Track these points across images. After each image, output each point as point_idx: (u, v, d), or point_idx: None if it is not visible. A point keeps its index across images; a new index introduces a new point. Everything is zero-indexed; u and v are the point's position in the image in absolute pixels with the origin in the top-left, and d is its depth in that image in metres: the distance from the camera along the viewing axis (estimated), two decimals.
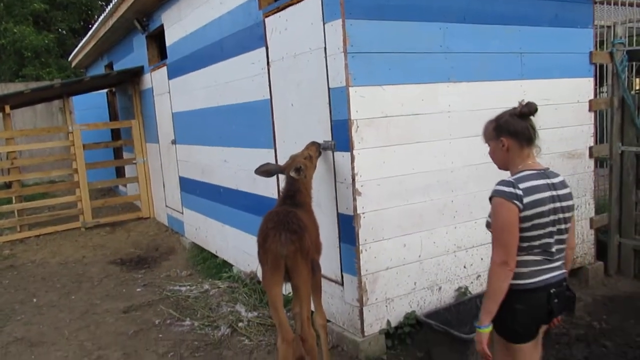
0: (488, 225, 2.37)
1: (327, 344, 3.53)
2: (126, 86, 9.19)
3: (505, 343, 2.39)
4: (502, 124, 2.37)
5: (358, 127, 3.56)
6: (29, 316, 5.09)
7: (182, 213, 7.39)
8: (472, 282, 4.22)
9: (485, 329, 2.27)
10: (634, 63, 5.32)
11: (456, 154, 4.01)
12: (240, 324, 4.47)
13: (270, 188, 4.67)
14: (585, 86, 4.71)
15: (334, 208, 3.81)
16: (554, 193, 2.30)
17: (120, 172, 11.55)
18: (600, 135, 5.17)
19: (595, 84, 4.86)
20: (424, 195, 3.89)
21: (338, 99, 3.60)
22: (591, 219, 4.92)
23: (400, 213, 3.79)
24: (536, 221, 2.25)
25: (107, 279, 6.14)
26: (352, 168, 3.57)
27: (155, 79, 7.72)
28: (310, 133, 3.96)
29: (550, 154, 4.53)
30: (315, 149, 3.66)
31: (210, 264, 6.25)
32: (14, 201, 8.42)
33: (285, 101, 4.29)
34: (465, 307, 3.89)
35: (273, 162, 4.56)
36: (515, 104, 2.37)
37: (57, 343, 4.42)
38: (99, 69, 11.85)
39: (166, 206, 8.16)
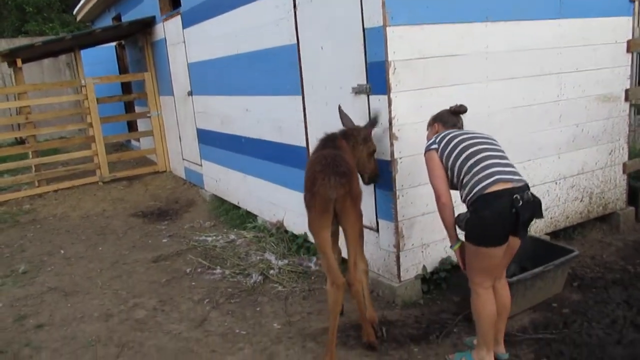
0: None
1: (369, 289, 3.53)
2: (137, 38, 8.97)
3: (472, 247, 2.76)
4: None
5: (395, 69, 3.44)
6: (58, 267, 5.13)
7: (201, 165, 7.34)
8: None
9: (456, 246, 2.94)
10: None
11: (492, 97, 3.90)
12: (271, 272, 4.49)
13: (297, 136, 4.59)
14: (624, 26, 4.53)
15: None
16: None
17: (132, 126, 11.46)
18: (638, 78, 5.02)
19: (636, 24, 4.68)
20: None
21: (374, 40, 3.46)
22: (624, 164, 4.84)
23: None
24: (462, 143, 2.87)
25: (131, 231, 6.16)
26: (390, 112, 3.48)
27: (169, 29, 7.51)
28: (343, 77, 3.85)
29: (586, 97, 4.42)
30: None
31: (233, 215, 6.25)
32: (30, 156, 8.38)
33: (314, 45, 4.15)
34: None
35: (300, 108, 4.47)
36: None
37: (92, 292, 4.46)
38: (106, 22, 11.57)
39: (183, 159, 8.11)
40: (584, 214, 4.70)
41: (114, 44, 11.30)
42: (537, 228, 4.36)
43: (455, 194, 2.92)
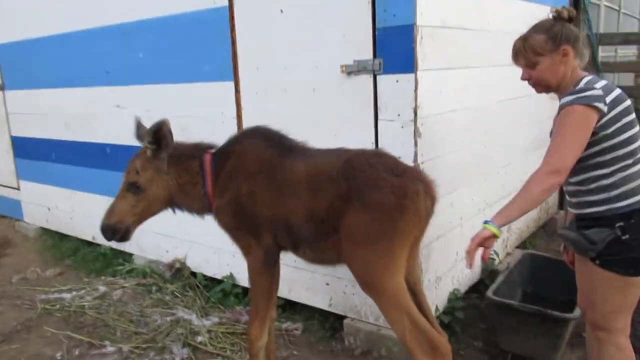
0: None
1: None
2: None
3: (620, 279, 1.92)
4: (559, 31, 1.95)
5: (422, 38, 2.45)
6: None
7: (18, 189, 5.24)
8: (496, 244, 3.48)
9: (493, 228, 1.86)
10: None
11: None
12: (199, 339, 3.04)
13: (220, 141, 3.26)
14: None
15: None
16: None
17: None
18: None
19: None
20: (483, 136, 3.01)
21: None
22: None
23: (454, 161, 2.83)
24: (626, 119, 1.86)
25: None
26: (415, 98, 2.47)
27: None
28: (322, 51, 2.72)
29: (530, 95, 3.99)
30: None
31: (87, 257, 4.46)
32: None
33: (264, 7, 2.91)
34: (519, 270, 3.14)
35: (230, 99, 3.17)
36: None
37: None
38: None
39: None
40: (537, 221, 4.29)
41: None
42: (508, 242, 3.76)
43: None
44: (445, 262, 2.93)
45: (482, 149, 3.18)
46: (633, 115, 1.89)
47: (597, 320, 2.05)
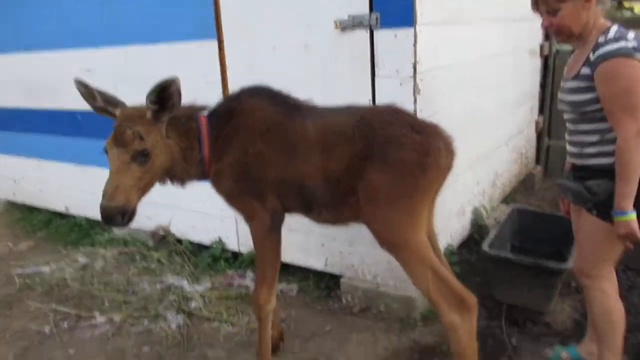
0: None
1: None
2: None
3: (612, 228, 1.92)
4: None
5: None
6: None
7: None
8: (481, 200, 3.54)
9: (630, 215, 1.84)
10: None
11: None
12: (193, 305, 3.00)
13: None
14: None
15: None
16: None
17: None
18: None
19: None
20: (474, 92, 3.00)
21: None
22: (536, 122, 4.65)
23: (449, 117, 2.81)
24: None
25: None
26: (415, 53, 2.41)
27: None
28: (314, 3, 2.61)
29: (514, 51, 3.99)
30: None
31: (60, 228, 4.31)
32: None
33: None
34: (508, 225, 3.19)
35: (214, 61, 3.03)
36: None
37: None
38: None
39: None
40: (518, 176, 4.37)
41: None
42: (492, 197, 3.82)
43: None
44: (440, 218, 2.92)
45: (474, 104, 3.18)
46: None
47: (585, 268, 2.11)
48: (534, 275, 2.70)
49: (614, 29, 1.88)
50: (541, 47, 4.41)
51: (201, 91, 2.95)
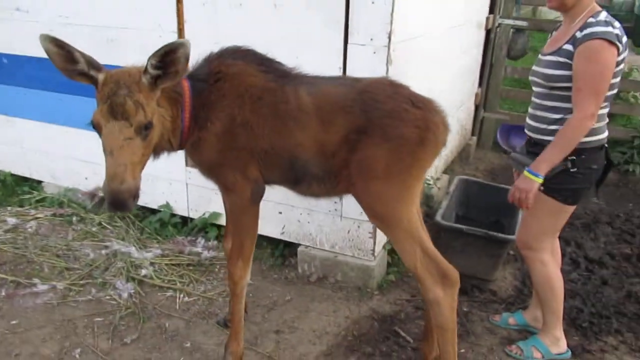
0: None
1: None
2: None
3: (556, 205, 2.13)
4: None
5: None
6: None
7: None
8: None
9: (540, 179, 2.01)
10: None
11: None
12: (143, 272, 2.87)
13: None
14: None
15: None
16: None
17: None
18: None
19: None
20: (434, 63, 3.01)
21: None
22: (476, 94, 4.80)
23: (416, 89, 2.81)
24: (621, 67, 1.99)
25: None
26: (391, 22, 2.38)
27: None
28: None
29: (466, 23, 4.06)
30: None
31: None
32: None
33: None
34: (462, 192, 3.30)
35: (172, 10, 2.82)
36: None
37: None
38: None
39: None
40: (458, 147, 4.52)
41: None
42: (437, 168, 3.93)
43: None
44: None
45: (435, 76, 3.20)
46: (624, 64, 2.01)
47: (527, 240, 2.27)
48: (483, 245, 2.83)
49: (605, 13, 1.97)
50: (486, 20, 4.52)
51: (154, 40, 2.76)
